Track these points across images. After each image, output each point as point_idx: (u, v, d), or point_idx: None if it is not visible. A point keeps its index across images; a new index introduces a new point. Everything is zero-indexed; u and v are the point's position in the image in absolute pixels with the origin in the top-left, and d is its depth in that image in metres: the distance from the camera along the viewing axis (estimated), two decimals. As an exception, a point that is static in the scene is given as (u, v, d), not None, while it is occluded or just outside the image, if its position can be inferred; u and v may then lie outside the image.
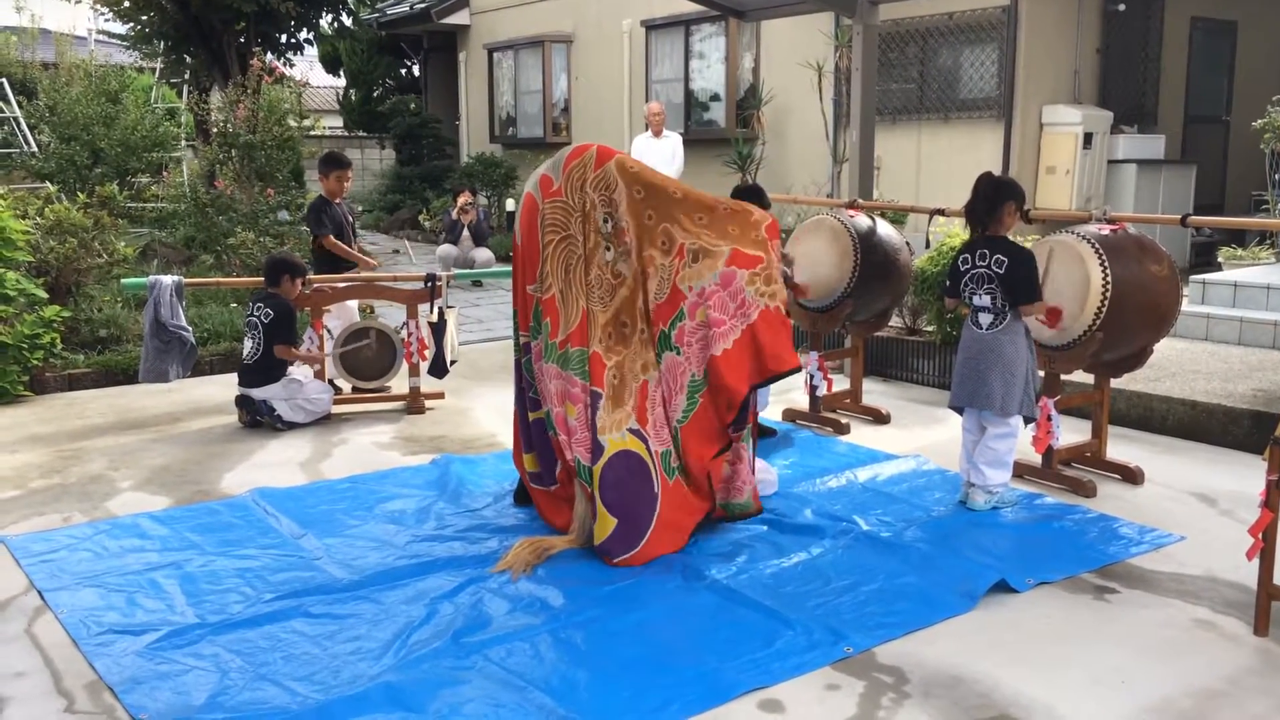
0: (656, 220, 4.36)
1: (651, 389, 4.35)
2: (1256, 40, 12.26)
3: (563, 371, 4.32)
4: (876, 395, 6.84)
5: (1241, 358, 6.92)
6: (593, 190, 4.35)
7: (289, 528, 4.61)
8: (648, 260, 4.35)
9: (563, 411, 4.31)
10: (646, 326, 4.38)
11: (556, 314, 4.35)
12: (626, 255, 4.35)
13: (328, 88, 26.40)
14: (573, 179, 4.36)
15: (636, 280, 4.36)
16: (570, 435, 4.29)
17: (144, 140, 13.47)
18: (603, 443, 4.23)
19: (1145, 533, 4.48)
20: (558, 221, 4.36)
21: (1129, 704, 3.17)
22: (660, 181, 4.44)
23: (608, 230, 4.35)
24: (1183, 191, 10.81)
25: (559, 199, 4.37)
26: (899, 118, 11.29)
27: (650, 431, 4.31)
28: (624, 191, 4.34)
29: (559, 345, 4.33)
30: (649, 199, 4.37)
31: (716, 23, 13.27)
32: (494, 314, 10.31)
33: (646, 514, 4.22)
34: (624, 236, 4.34)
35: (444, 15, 17.66)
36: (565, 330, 4.33)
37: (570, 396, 4.29)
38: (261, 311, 6.32)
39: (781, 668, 3.36)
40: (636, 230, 4.34)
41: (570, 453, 4.29)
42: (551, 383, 4.33)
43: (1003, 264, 4.62)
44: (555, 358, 4.33)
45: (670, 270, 4.36)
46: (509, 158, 16.57)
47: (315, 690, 3.24)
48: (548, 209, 4.38)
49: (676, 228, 4.37)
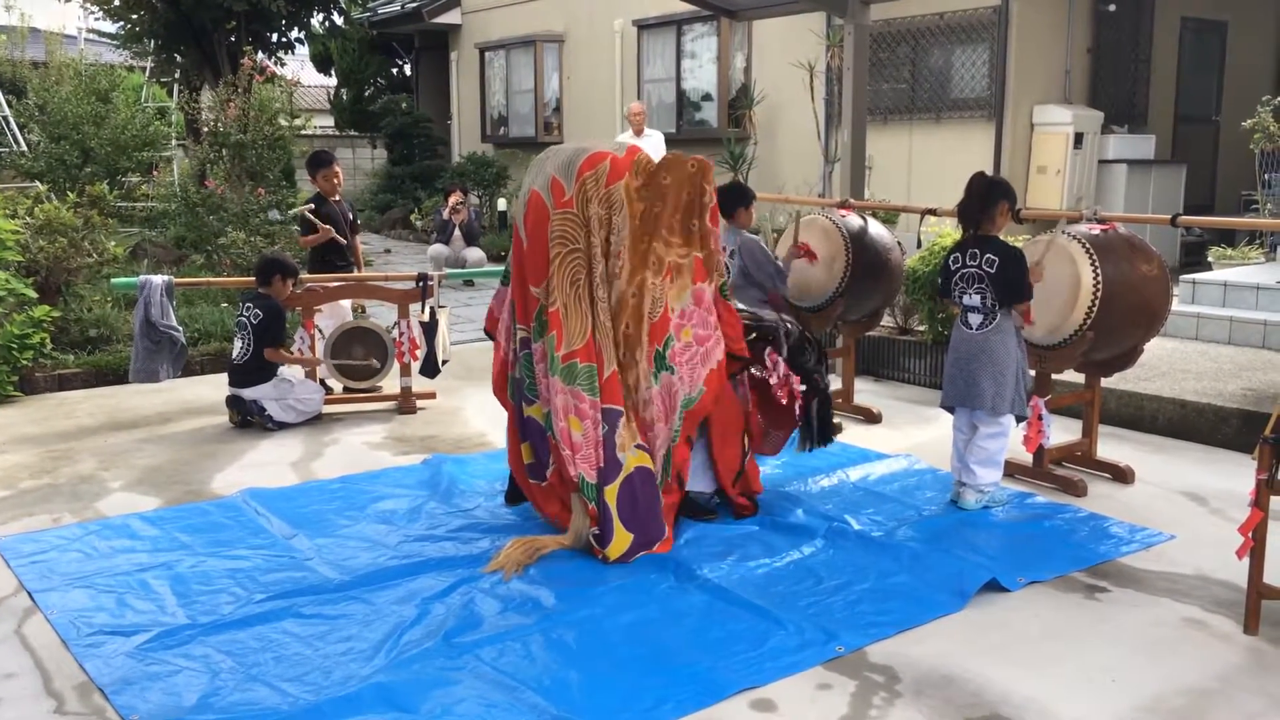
0: (648, 243, 4.37)
1: (645, 406, 4.36)
2: (1246, 40, 12.31)
3: (567, 386, 4.26)
4: (868, 395, 6.84)
5: (1231, 357, 6.94)
6: (600, 207, 4.31)
7: (280, 528, 4.60)
8: (641, 283, 4.35)
9: (566, 426, 4.25)
10: (629, 351, 4.37)
11: (561, 328, 4.31)
12: (615, 278, 4.34)
13: (319, 87, 26.36)
14: (585, 190, 4.31)
15: (623, 304, 4.35)
16: (575, 451, 4.24)
17: (134, 139, 13.44)
18: (621, 460, 4.25)
19: (1136, 532, 4.50)
20: (567, 234, 4.32)
21: (1120, 702, 3.17)
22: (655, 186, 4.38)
23: (613, 250, 4.33)
24: (1173, 191, 10.85)
25: (569, 211, 4.31)
26: (890, 117, 11.31)
27: (648, 444, 4.35)
28: (625, 216, 4.31)
29: (563, 359, 4.28)
30: (644, 224, 4.36)
31: (708, 22, 13.28)
32: (486, 313, 10.28)
33: (659, 527, 4.29)
34: (619, 257, 4.32)
35: (435, 15, 17.65)
36: (569, 345, 4.28)
37: (577, 412, 4.25)
38: (251, 312, 6.31)
39: (773, 667, 3.36)
40: (631, 255, 4.33)
41: (574, 469, 4.24)
42: (556, 397, 4.29)
43: (994, 263, 4.63)
44: (559, 371, 4.28)
45: (661, 290, 4.37)
46: (500, 157, 16.56)
47: (306, 691, 3.23)
48: (557, 220, 4.33)
49: (660, 244, 4.37)
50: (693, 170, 4.39)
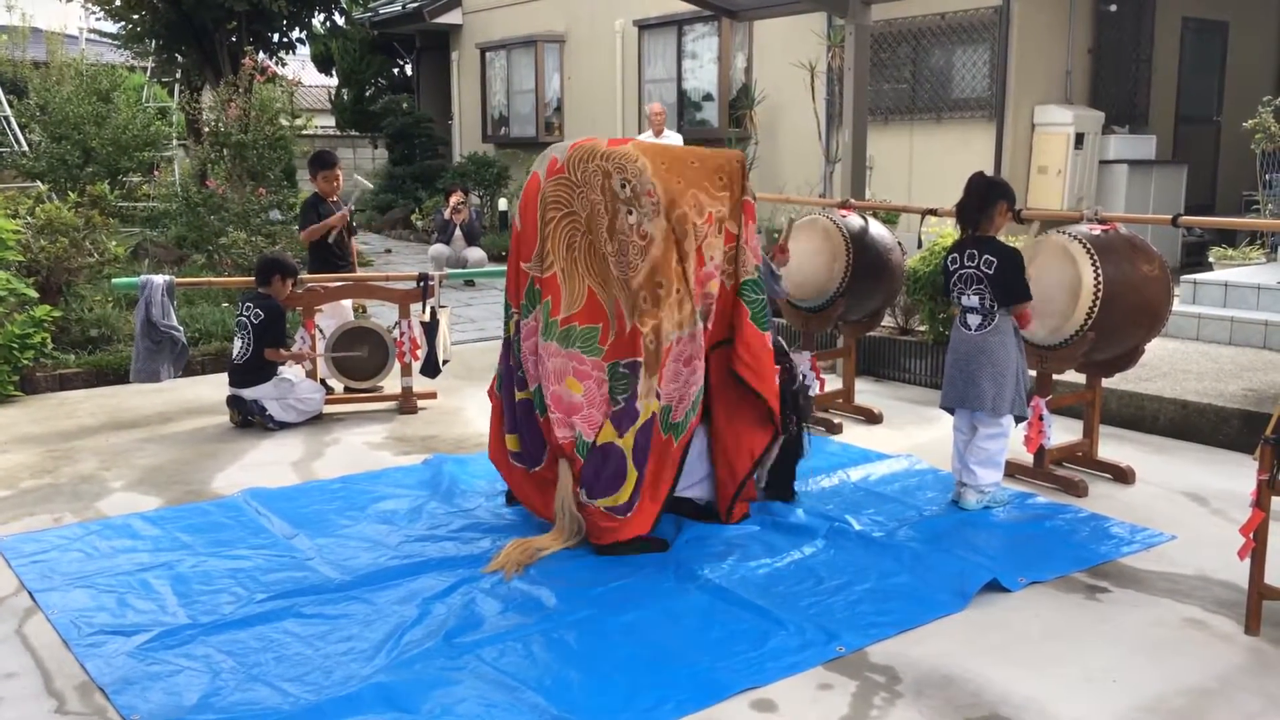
0: (685, 186, 4.39)
1: (678, 348, 4.35)
2: (1247, 41, 12.30)
3: (564, 349, 4.28)
4: (869, 395, 6.84)
5: (1232, 357, 6.94)
6: (604, 161, 4.31)
7: (281, 528, 4.60)
8: (681, 219, 4.35)
9: (561, 390, 4.27)
10: (682, 285, 4.35)
11: (558, 291, 4.32)
12: (653, 215, 4.30)
13: (320, 87, 26.37)
14: (580, 153, 4.35)
15: (668, 239, 4.32)
16: (574, 412, 4.26)
17: (135, 139, 13.44)
18: (639, 409, 4.26)
19: (1137, 532, 4.50)
20: (560, 198, 4.34)
21: (1121, 703, 3.17)
22: (677, 154, 4.55)
23: (627, 194, 4.29)
24: (1174, 192, 10.84)
25: (561, 175, 4.35)
26: (891, 118, 11.30)
27: (664, 388, 4.32)
28: (647, 162, 4.34)
29: (560, 323, 4.30)
30: (673, 169, 4.41)
31: (709, 23, 13.28)
32: (487, 314, 10.30)
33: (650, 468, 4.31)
34: (650, 196, 4.30)
35: (436, 15, 17.64)
36: (568, 309, 4.30)
37: (576, 373, 4.27)
38: (251, 312, 6.31)
39: (774, 667, 3.36)
40: (666, 191, 4.32)
41: (568, 431, 4.26)
42: (550, 360, 4.30)
43: (992, 264, 4.63)
44: (556, 335, 4.30)
45: (701, 234, 4.39)
46: (501, 157, 16.56)
47: (307, 691, 3.23)
48: (549, 187, 4.36)
49: (704, 195, 4.43)
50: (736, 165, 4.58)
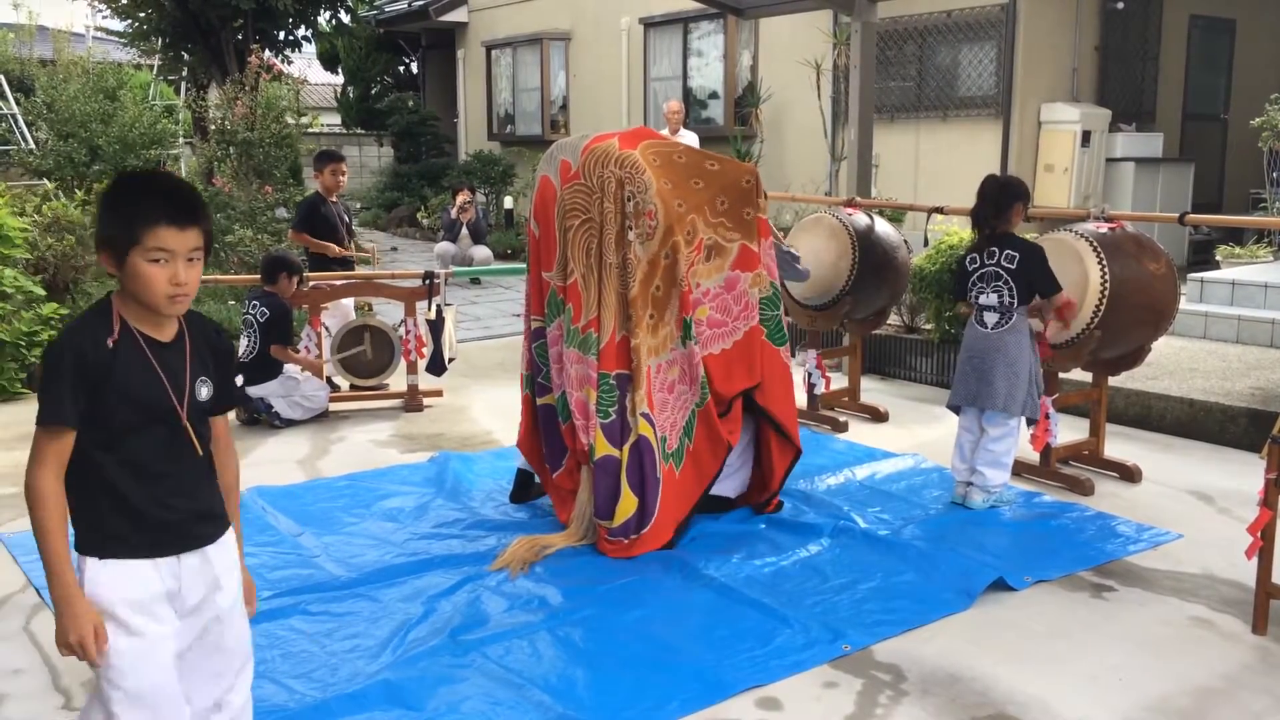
0: (686, 210, 4.35)
1: (657, 374, 4.33)
2: (1255, 38, 12.26)
3: (584, 356, 4.31)
4: (874, 393, 6.83)
5: (1239, 356, 6.92)
6: (617, 168, 4.29)
7: (287, 525, 4.61)
8: (674, 248, 4.31)
9: (582, 396, 4.31)
10: (657, 312, 4.34)
11: (580, 298, 4.33)
12: (647, 239, 4.29)
13: (326, 85, 26.36)
14: (595, 157, 4.33)
15: (654, 265, 4.31)
16: (589, 419, 4.28)
17: (142, 137, 13.43)
18: (632, 424, 4.25)
19: (1143, 531, 4.49)
20: (578, 205, 4.34)
21: (1126, 702, 3.17)
22: (684, 169, 4.45)
23: (630, 209, 4.28)
24: (1181, 190, 10.81)
25: (578, 182, 4.34)
26: (897, 115, 11.29)
27: (656, 416, 4.31)
28: (652, 179, 4.30)
29: (581, 330, 4.32)
30: (677, 188, 4.36)
31: (715, 20, 13.27)
32: (492, 311, 10.30)
33: (653, 498, 4.26)
34: (649, 218, 4.28)
35: (442, 13, 17.66)
36: (587, 315, 4.32)
37: (590, 381, 4.30)
38: (257, 310, 6.31)
39: (779, 665, 3.36)
40: (665, 215, 4.29)
41: (586, 437, 4.28)
42: (573, 367, 4.33)
43: (1014, 259, 4.62)
44: (577, 342, 4.32)
45: (688, 262, 4.36)
46: (507, 155, 16.56)
47: (313, 688, 3.24)
48: (567, 194, 4.36)
49: (700, 220, 4.38)
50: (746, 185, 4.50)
